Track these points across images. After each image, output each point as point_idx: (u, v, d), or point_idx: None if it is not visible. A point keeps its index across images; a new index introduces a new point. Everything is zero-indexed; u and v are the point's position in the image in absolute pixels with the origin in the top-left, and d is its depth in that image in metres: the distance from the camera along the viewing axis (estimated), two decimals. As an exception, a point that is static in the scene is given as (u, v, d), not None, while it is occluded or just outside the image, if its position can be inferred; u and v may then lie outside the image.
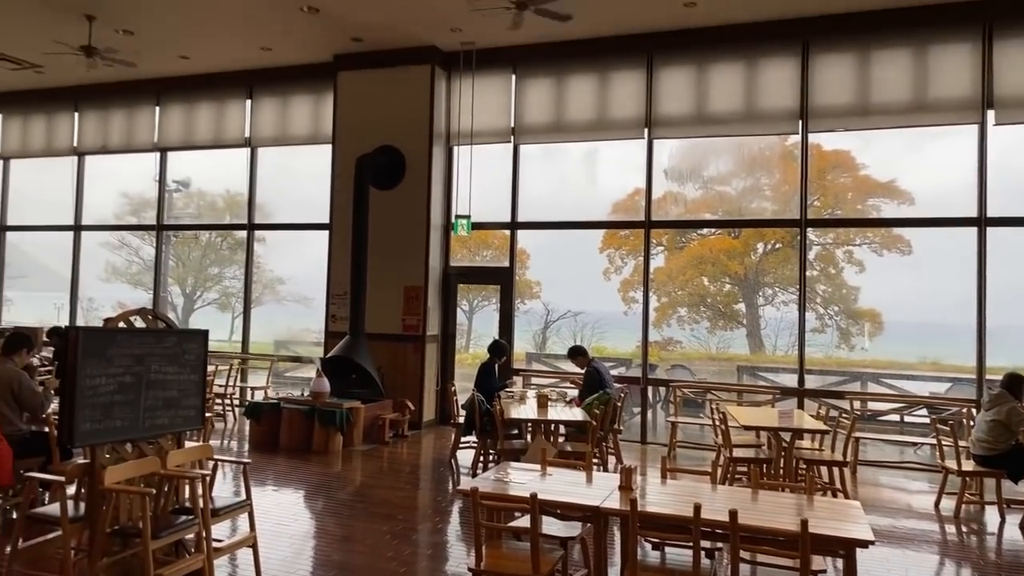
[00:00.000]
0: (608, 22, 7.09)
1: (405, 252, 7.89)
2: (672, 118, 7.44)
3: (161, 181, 9.82)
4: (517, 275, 8.34)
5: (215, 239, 14.98)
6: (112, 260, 13.93)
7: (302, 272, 11.83)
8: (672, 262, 12.68)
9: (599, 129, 7.71)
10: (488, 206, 8.04)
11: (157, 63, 8.72)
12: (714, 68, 7.27)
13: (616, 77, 7.60)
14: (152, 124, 9.66)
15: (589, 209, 8.86)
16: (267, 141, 9.06)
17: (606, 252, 12.29)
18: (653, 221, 7.66)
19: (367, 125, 8.05)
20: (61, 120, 10.23)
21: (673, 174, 9.93)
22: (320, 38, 7.72)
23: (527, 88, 7.91)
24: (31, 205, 10.87)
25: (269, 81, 8.90)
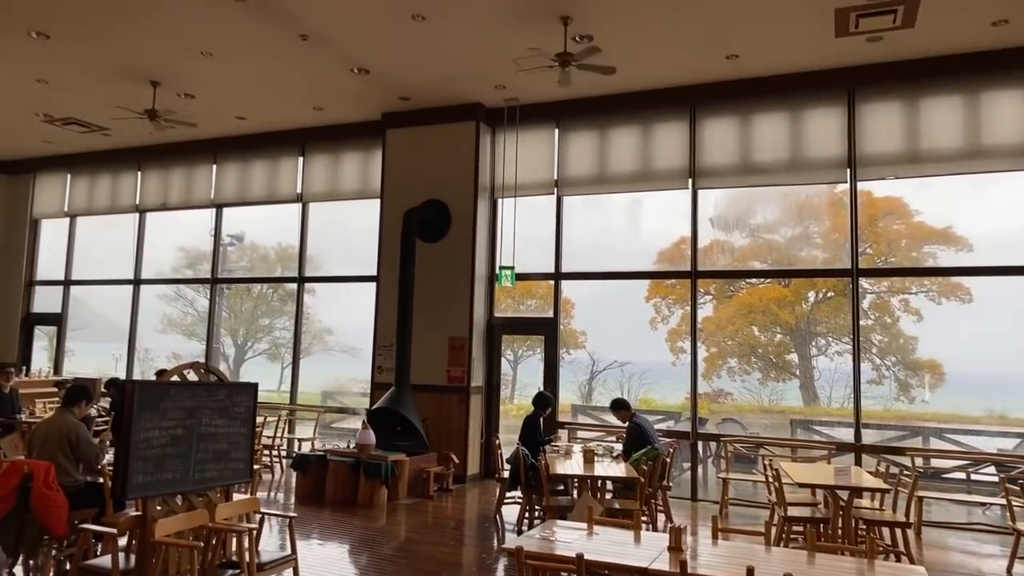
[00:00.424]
0: (650, 75, 7.18)
1: (450, 303, 7.95)
2: (716, 168, 7.43)
3: (216, 236, 10.17)
4: (562, 325, 8.31)
5: (266, 291, 15.35)
6: (168, 312, 14.37)
7: (350, 322, 12.00)
8: (721, 311, 12.48)
9: (642, 180, 7.74)
10: (532, 256, 8.08)
11: (215, 124, 9.13)
12: (758, 118, 7.27)
13: (659, 128, 7.66)
14: (209, 181, 10.06)
15: (634, 258, 8.80)
16: (318, 196, 9.33)
17: (652, 301, 12.16)
18: (699, 271, 7.58)
19: (414, 180, 8.24)
20: (125, 179, 10.74)
21: (719, 223, 9.84)
22: (369, 98, 7.99)
23: (570, 141, 8.02)
24: (94, 260, 11.35)
25: (321, 139, 9.22)
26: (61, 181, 11.28)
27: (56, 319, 11.26)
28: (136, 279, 10.69)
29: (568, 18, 5.91)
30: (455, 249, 8.01)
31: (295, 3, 5.81)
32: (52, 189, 11.38)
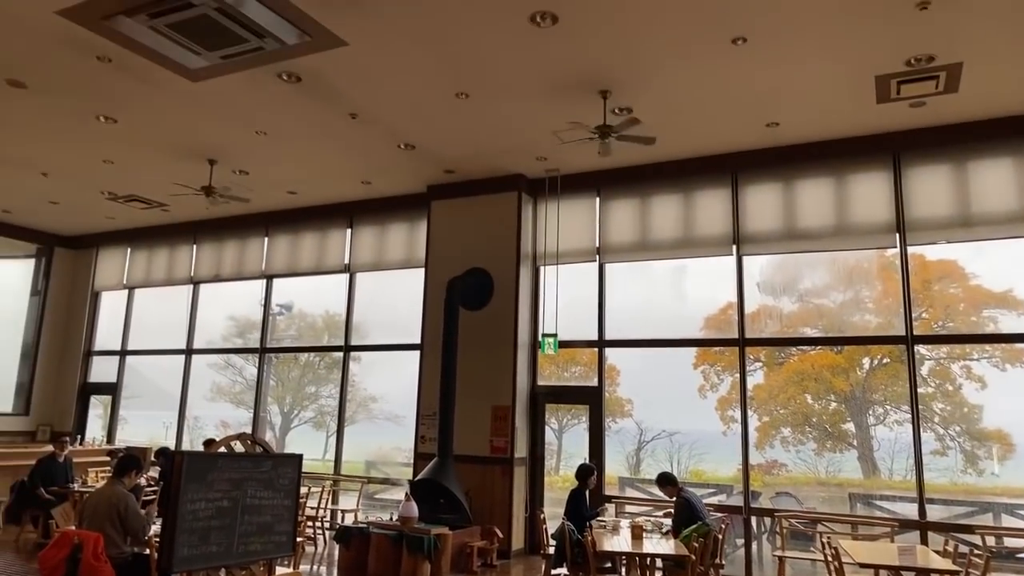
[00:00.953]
0: (689, 144, 7.24)
1: (493, 371, 7.92)
2: (760, 234, 7.37)
3: (266, 306, 10.42)
4: (607, 393, 8.18)
5: (313, 359, 15.55)
6: (217, 380, 14.62)
7: (394, 390, 12.02)
8: (772, 379, 12.13)
9: (685, 247, 7.71)
10: (575, 323, 8.05)
11: (268, 198, 9.48)
12: (801, 183, 7.23)
13: (701, 195, 7.67)
14: (261, 253, 10.38)
15: (680, 324, 8.69)
16: (365, 267, 9.53)
17: (701, 368, 11.89)
18: (747, 339, 7.44)
19: (458, 249, 8.36)
20: (181, 252, 11.16)
21: (766, 288, 9.68)
22: (415, 171, 8.22)
23: (611, 209, 8.07)
24: (149, 330, 11.70)
25: (368, 211, 9.48)
26: (121, 255, 11.78)
27: (111, 388, 11.56)
28: (188, 349, 10.97)
29: (607, 92, 6.04)
30: (498, 317, 8.03)
31: (345, 84, 6.08)
32: (113, 262, 11.88)
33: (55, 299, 12.00)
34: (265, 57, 5.57)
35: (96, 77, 6.06)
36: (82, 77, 6.07)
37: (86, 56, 5.68)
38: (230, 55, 5.54)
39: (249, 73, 5.88)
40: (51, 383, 11.84)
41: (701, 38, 5.19)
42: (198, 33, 5.21)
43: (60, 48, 5.57)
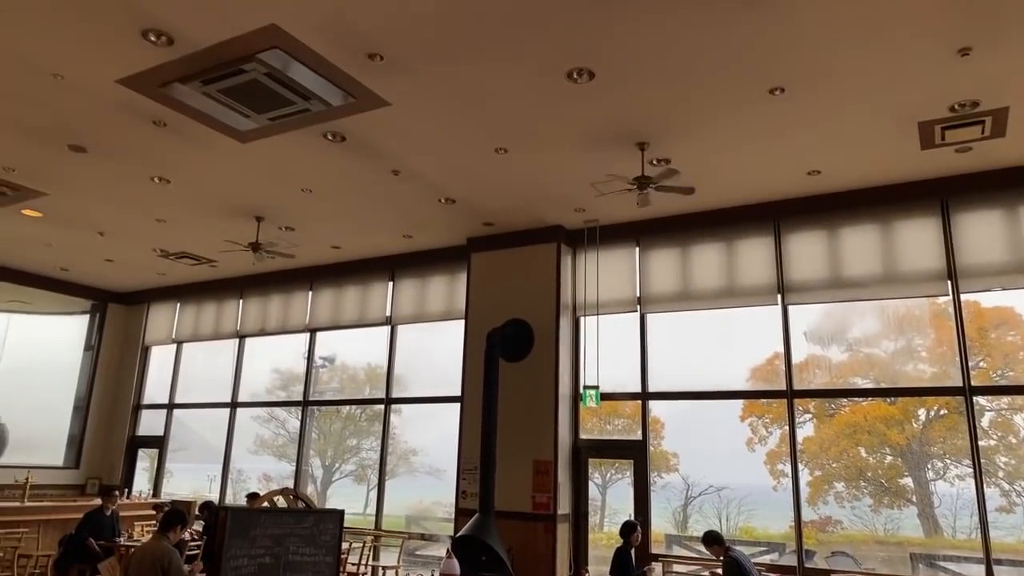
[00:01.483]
0: (729, 193, 7.21)
1: (534, 425, 7.83)
2: (806, 283, 7.23)
3: (309, 359, 10.55)
4: (651, 447, 8.01)
5: (354, 411, 15.59)
6: (261, 433, 14.74)
7: (434, 443, 11.96)
8: (822, 431, 11.73)
9: (728, 296, 7.60)
10: (617, 375, 7.94)
11: (312, 253, 9.69)
12: (846, 231, 7.10)
13: (742, 244, 7.59)
14: (305, 307, 10.57)
15: (725, 375, 8.51)
16: (406, 319, 9.61)
17: (748, 420, 11.56)
18: (796, 390, 7.24)
19: (497, 300, 8.39)
20: (228, 307, 11.42)
21: (813, 337, 9.44)
22: (455, 224, 8.33)
23: (651, 259, 8.03)
24: (196, 384, 11.92)
25: (409, 264, 9.60)
26: (171, 310, 12.11)
27: (158, 442, 11.74)
28: (233, 402, 11.12)
29: (645, 143, 6.07)
30: (538, 369, 7.98)
31: (387, 142, 6.24)
32: (163, 317, 12.21)
33: (107, 353, 12.34)
34: (311, 118, 5.77)
35: (152, 140, 6.33)
36: (139, 141, 6.35)
37: (143, 121, 5.96)
38: (278, 117, 5.75)
39: (296, 133, 6.09)
40: (101, 436, 12.09)
41: (738, 89, 5.21)
42: (248, 97, 5.43)
43: (119, 114, 5.85)
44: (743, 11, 4.32)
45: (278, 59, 4.92)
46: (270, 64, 4.98)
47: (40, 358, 11.74)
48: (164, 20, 4.55)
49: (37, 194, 7.74)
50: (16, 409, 11.24)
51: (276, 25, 4.56)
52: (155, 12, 4.47)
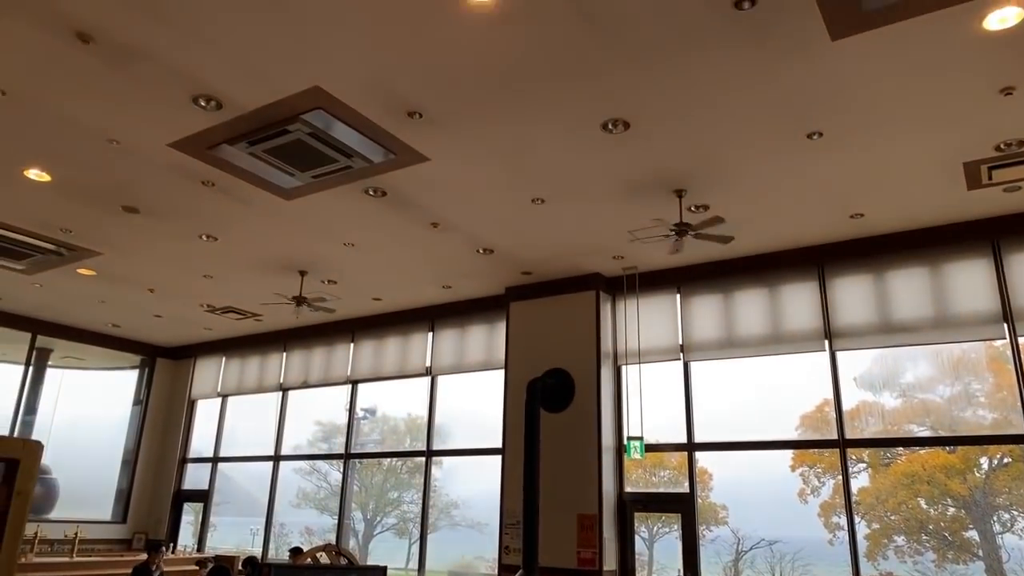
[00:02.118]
0: (771, 238, 7.12)
1: (577, 477, 7.68)
2: (854, 328, 7.05)
3: (351, 411, 10.59)
4: (699, 499, 7.77)
5: (395, 463, 15.52)
6: (303, 486, 14.74)
7: (476, 496, 11.81)
8: (879, 481, 11.24)
9: (773, 343, 7.44)
10: (661, 425, 7.78)
11: (354, 305, 9.82)
12: (894, 274, 6.94)
13: (786, 289, 7.45)
14: (347, 359, 10.66)
15: (773, 423, 8.27)
16: (446, 369, 9.61)
17: (799, 470, 11.15)
18: (848, 440, 6.99)
19: (537, 349, 8.34)
20: (271, 360, 11.58)
21: (864, 382, 9.15)
22: (494, 274, 8.38)
23: (693, 305, 7.93)
24: (240, 437, 12.03)
25: (448, 314, 9.65)
26: (216, 364, 12.33)
27: (203, 495, 11.82)
28: (276, 455, 11.18)
29: (682, 190, 6.06)
30: (580, 419, 7.86)
31: (427, 196, 6.35)
32: (208, 371, 12.43)
33: (155, 408, 12.57)
34: (353, 175, 5.91)
35: (200, 200, 6.55)
36: (188, 200, 6.58)
37: (192, 181, 6.18)
38: (321, 174, 5.91)
39: (338, 190, 6.23)
40: (148, 490, 12.23)
41: (774, 135, 5.19)
42: (292, 156, 5.60)
43: (170, 175, 6.08)
44: (777, 60, 4.33)
45: (321, 119, 5.08)
46: (313, 124, 5.14)
47: (91, 413, 12.02)
48: (214, 86, 4.75)
49: (92, 253, 8.04)
50: (67, 464, 11.46)
51: (319, 87, 4.72)
52: (205, 79, 4.67)
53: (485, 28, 4.11)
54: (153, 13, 4.06)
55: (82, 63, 4.54)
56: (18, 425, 10.99)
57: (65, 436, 11.39)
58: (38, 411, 11.36)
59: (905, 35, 4.08)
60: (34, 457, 1.36)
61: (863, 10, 3.83)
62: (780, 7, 3.87)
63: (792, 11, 3.90)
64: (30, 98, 4.97)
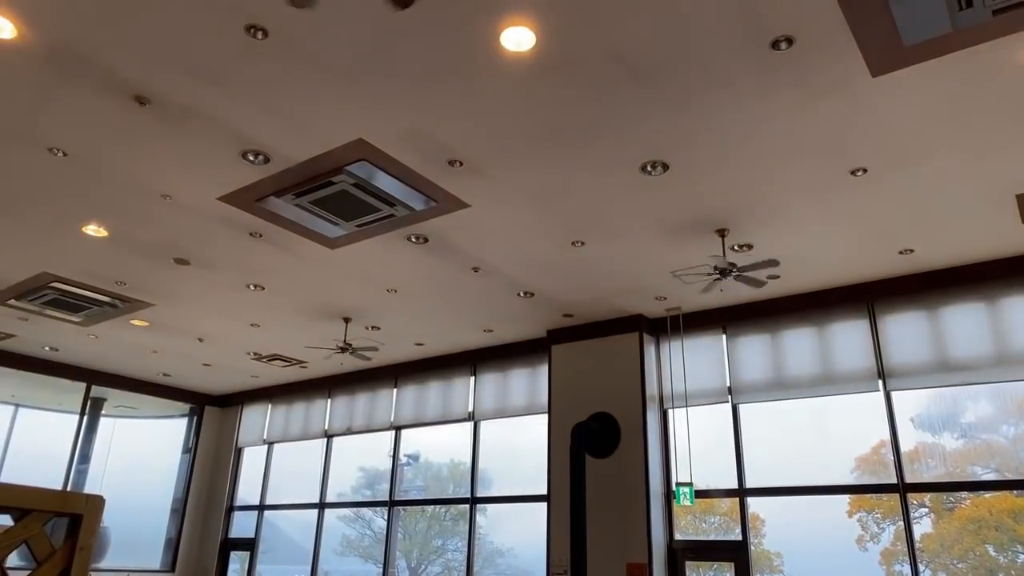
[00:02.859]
0: (818, 275, 6.99)
1: (625, 524, 7.50)
2: (908, 367, 6.82)
3: (395, 458, 10.57)
4: (752, 546, 7.50)
5: (439, 510, 15.39)
6: (347, 533, 14.69)
7: (521, 544, 11.60)
8: (942, 527, 10.73)
9: (825, 383, 7.24)
10: (711, 470, 7.59)
11: (397, 351, 9.89)
12: (949, 311, 6.72)
13: (836, 328, 7.27)
14: (390, 405, 10.69)
15: (827, 467, 7.99)
16: (488, 414, 9.56)
17: (856, 515, 10.72)
18: (908, 484, 6.71)
19: (580, 393, 8.25)
20: (316, 407, 11.68)
21: (922, 423, 8.81)
22: (535, 317, 8.37)
23: (739, 346, 7.78)
24: (285, 484, 12.08)
25: (490, 358, 9.64)
26: (262, 411, 12.48)
27: (249, 544, 11.85)
28: (321, 502, 11.19)
29: (724, 230, 6.01)
30: (627, 465, 7.71)
31: (467, 242, 6.42)
32: (255, 419, 12.58)
33: (203, 456, 12.74)
34: (396, 223, 6.01)
35: (248, 250, 6.73)
36: (237, 252, 6.76)
37: (241, 233, 6.35)
38: (365, 223, 6.03)
39: (381, 238, 6.34)
40: (196, 538, 12.32)
41: (817, 172, 5.13)
42: (336, 206, 5.73)
43: (220, 228, 6.27)
44: (816, 98, 4.31)
45: (364, 170, 5.20)
46: (357, 175, 5.26)
47: (142, 461, 12.23)
48: (261, 141, 4.91)
49: (145, 305, 8.28)
50: (119, 512, 11.62)
51: (363, 139, 4.85)
52: (254, 134, 4.84)
53: (523, 77, 4.19)
54: (205, 75, 4.24)
55: (139, 124, 4.75)
56: (72, 474, 11.24)
57: (117, 484, 11.59)
58: (91, 460, 11.61)
59: (949, 68, 4.03)
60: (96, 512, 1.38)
61: (905, 45, 3.80)
62: (818, 46, 3.87)
63: (830, 49, 3.90)
64: (90, 158, 5.20)
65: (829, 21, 3.70)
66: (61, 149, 5.08)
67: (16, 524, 1.26)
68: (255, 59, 4.09)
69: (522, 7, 3.66)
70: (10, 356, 10.44)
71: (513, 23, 3.76)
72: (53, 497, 1.31)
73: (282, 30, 3.86)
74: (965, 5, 3.51)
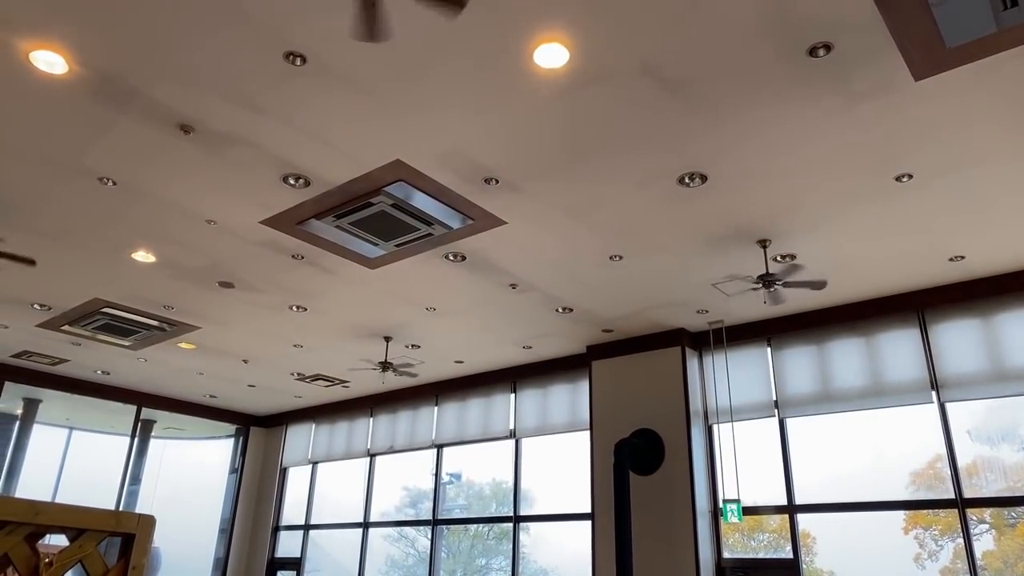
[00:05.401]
0: (865, 285, 6.82)
1: (672, 543, 7.36)
2: (963, 377, 6.59)
3: (437, 476, 10.57)
4: (804, 565, 7.29)
5: (482, 529, 15.32)
6: (391, 552, 14.71)
7: (565, 563, 11.48)
8: (1004, 544, 10.29)
9: (875, 395, 7.03)
10: (759, 486, 7.41)
11: (437, 369, 9.92)
12: (1004, 318, 6.48)
13: (884, 338, 7.07)
14: (431, 423, 10.71)
15: (881, 482, 7.74)
16: (530, 432, 9.51)
17: (913, 532, 10.34)
18: (966, 499, 6.46)
19: (622, 409, 8.16)
20: (359, 426, 11.77)
21: (980, 436, 8.49)
22: (574, 333, 8.32)
23: (785, 358, 7.62)
24: (330, 504, 12.17)
25: (530, 375, 9.60)
26: (306, 431, 12.62)
27: (295, 563, 11.94)
28: (365, 522, 11.24)
29: (766, 241, 5.91)
30: (672, 482, 7.58)
31: (505, 259, 6.43)
32: (299, 439, 12.72)
33: (249, 476, 12.92)
34: (434, 241, 6.06)
35: (290, 273, 6.84)
36: (279, 274, 6.88)
37: (283, 255, 6.47)
38: (403, 243, 6.09)
39: (419, 257, 6.39)
40: (244, 558, 12.47)
41: (859, 179, 5.02)
42: (376, 226, 5.80)
43: (262, 251, 6.39)
44: (857, 104, 4.22)
45: (402, 191, 5.26)
46: (395, 196, 5.33)
47: (191, 482, 12.45)
48: (302, 165, 5.01)
49: (191, 328, 8.47)
50: (169, 532, 11.84)
51: (400, 160, 4.91)
52: (294, 160, 4.94)
53: (557, 95, 4.20)
54: (246, 103, 4.35)
55: (183, 152, 4.89)
56: (124, 495, 11.49)
57: (166, 505, 11.82)
58: (142, 481, 11.87)
59: (996, 69, 3.92)
60: (148, 531, 1.40)
61: (948, 47, 3.71)
62: (856, 51, 3.80)
63: (870, 54, 3.82)
64: (138, 186, 5.37)
65: (868, 25, 3.63)
66: (110, 179, 5.25)
67: (72, 544, 1.28)
68: (294, 85, 4.18)
69: (555, 24, 3.67)
70: (64, 380, 10.77)
71: (546, 40, 3.78)
72: (106, 517, 1.33)
73: (320, 56, 3.94)
74: (1010, 4, 3.41)
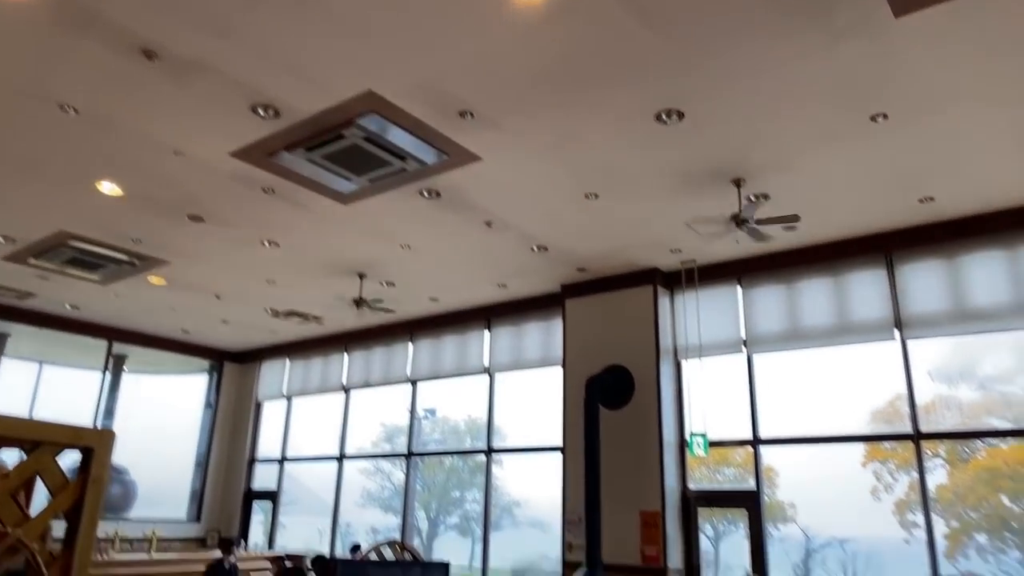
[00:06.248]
0: (835, 225, 6.89)
1: (639, 474, 7.59)
2: (926, 316, 6.76)
3: (412, 411, 10.72)
4: (766, 496, 7.59)
5: (456, 463, 15.65)
6: (367, 486, 15.01)
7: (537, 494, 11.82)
8: (957, 477, 10.75)
9: (840, 334, 7.20)
10: (725, 421, 7.62)
11: (411, 306, 9.94)
12: (968, 259, 6.62)
13: (853, 278, 7.20)
14: (406, 359, 10.80)
15: (842, 418, 8.01)
16: (503, 367, 9.64)
17: (870, 466, 10.77)
18: (922, 433, 6.72)
19: (594, 347, 8.28)
20: (333, 361, 11.83)
21: (939, 375, 8.76)
22: (549, 272, 8.36)
23: (755, 297, 7.74)
24: (305, 438, 12.32)
25: (504, 313, 9.67)
26: (281, 367, 12.66)
27: (272, 495, 12.16)
28: (340, 455, 11.41)
29: (740, 179, 5.92)
30: (641, 416, 7.77)
31: (480, 196, 6.38)
32: (273, 374, 12.78)
33: (224, 411, 13.00)
34: (407, 177, 5.98)
35: (262, 207, 6.73)
36: (250, 208, 6.77)
37: (253, 189, 6.35)
38: (376, 178, 6.00)
39: (393, 193, 6.32)
40: (220, 490, 12.65)
41: (835, 118, 5.02)
42: (348, 161, 5.70)
43: (232, 184, 6.27)
44: (835, 40, 4.18)
45: (375, 123, 5.15)
46: (368, 128, 5.21)
47: (165, 416, 12.50)
48: (271, 94, 4.87)
49: (161, 263, 8.35)
50: (144, 465, 11.95)
51: (372, 91, 4.79)
52: (263, 87, 4.79)
53: (534, 26, 4.10)
54: (212, 28, 4.19)
55: (147, 79, 4.72)
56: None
57: (141, 439, 11.87)
58: (116, 416, 11.88)
59: (976, 10, 3.89)
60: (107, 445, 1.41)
61: (928, -17, 3.66)
62: (839, -15, 3.74)
63: (852, -12, 3.76)
64: (101, 115, 5.19)
65: (850, -42, 3.56)
66: (72, 106, 5.07)
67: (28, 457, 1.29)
68: (261, 9, 4.03)
69: (532, -51, 3.55)
70: (33, 314, 10.62)
71: (523, -34, 3.66)
72: (64, 430, 1.33)
73: (287, -22, 3.79)
74: (994, -62, 3.36)
